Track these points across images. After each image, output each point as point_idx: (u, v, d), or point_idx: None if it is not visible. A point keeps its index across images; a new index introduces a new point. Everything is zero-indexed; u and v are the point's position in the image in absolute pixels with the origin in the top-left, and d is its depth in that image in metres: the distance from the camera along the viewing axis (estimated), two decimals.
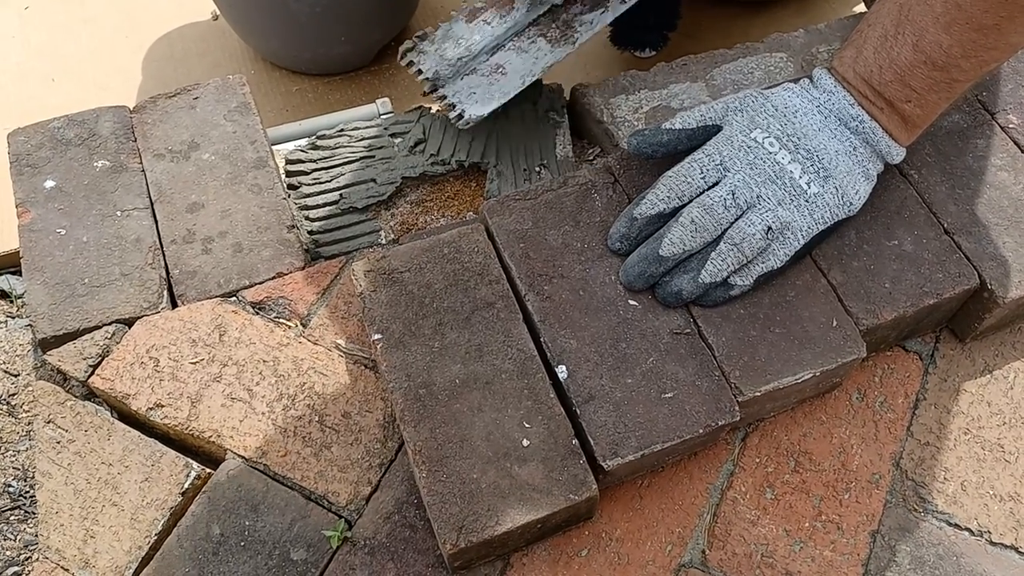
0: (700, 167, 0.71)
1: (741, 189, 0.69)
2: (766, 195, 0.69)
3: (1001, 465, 0.74)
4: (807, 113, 0.71)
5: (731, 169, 0.70)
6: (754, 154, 0.70)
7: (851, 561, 0.69)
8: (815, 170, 0.70)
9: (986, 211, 0.76)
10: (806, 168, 0.70)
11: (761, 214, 0.69)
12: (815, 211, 0.70)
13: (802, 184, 0.70)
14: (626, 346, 0.69)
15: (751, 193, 0.69)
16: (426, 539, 0.68)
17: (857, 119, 0.71)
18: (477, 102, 0.87)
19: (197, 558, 0.67)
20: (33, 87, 1.19)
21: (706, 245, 0.70)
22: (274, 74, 1.22)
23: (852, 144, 0.71)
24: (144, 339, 0.75)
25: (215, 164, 0.84)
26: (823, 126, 0.71)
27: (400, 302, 0.72)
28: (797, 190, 0.70)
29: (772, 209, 0.69)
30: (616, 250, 0.73)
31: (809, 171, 0.70)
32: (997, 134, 0.81)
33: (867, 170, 0.72)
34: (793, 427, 0.75)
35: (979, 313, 0.75)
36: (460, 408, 0.67)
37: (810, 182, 0.70)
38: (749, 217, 0.69)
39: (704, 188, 0.71)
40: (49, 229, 0.80)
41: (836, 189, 0.70)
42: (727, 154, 0.71)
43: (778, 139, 0.71)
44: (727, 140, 0.71)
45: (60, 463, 0.72)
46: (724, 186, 0.70)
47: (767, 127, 0.71)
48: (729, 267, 0.69)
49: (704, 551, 0.70)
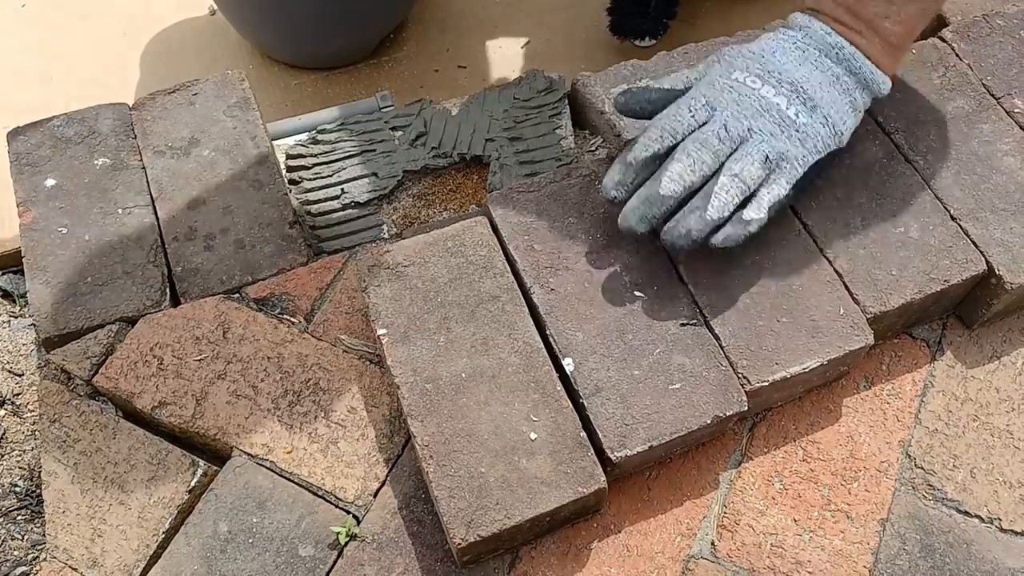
0: (688, 107, 0.70)
1: (732, 123, 0.69)
2: (757, 127, 0.69)
3: (1010, 451, 0.74)
4: (785, 51, 0.71)
5: (719, 107, 0.69)
6: (738, 92, 0.70)
7: (861, 550, 0.69)
8: (801, 101, 0.69)
9: (992, 197, 0.76)
10: (791, 100, 0.69)
11: (757, 144, 0.68)
12: (807, 140, 0.69)
13: (790, 115, 0.69)
14: (632, 337, 0.69)
15: (742, 126, 0.69)
16: (434, 534, 0.68)
17: (837, 47, 0.70)
18: None
19: (205, 556, 0.67)
20: (31, 85, 1.19)
21: (706, 180, 0.68)
22: (273, 69, 1.21)
23: (835, 73, 0.71)
24: (147, 337, 0.75)
25: (216, 160, 0.84)
26: (803, 59, 0.71)
27: (404, 296, 0.71)
28: (787, 121, 0.69)
29: (766, 140, 0.68)
30: (612, 199, 0.70)
31: (795, 103, 0.69)
32: (1003, 119, 0.80)
33: (854, 100, 0.71)
34: (801, 416, 0.74)
35: (986, 299, 0.75)
36: (467, 402, 0.67)
37: (798, 113, 0.69)
38: (745, 148, 0.68)
39: (695, 126, 0.70)
40: (51, 228, 0.79)
41: (825, 118, 0.70)
42: (711, 95, 0.70)
43: (759, 76, 0.70)
44: (709, 84, 0.71)
45: (66, 462, 0.71)
46: (715, 121, 0.69)
47: (746, 68, 0.71)
48: (734, 198, 0.67)
49: (713, 542, 0.69)
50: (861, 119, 0.73)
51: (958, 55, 0.84)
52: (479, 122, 0.91)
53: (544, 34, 1.25)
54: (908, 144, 0.78)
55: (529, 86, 0.94)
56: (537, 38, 1.25)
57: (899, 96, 0.81)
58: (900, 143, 0.79)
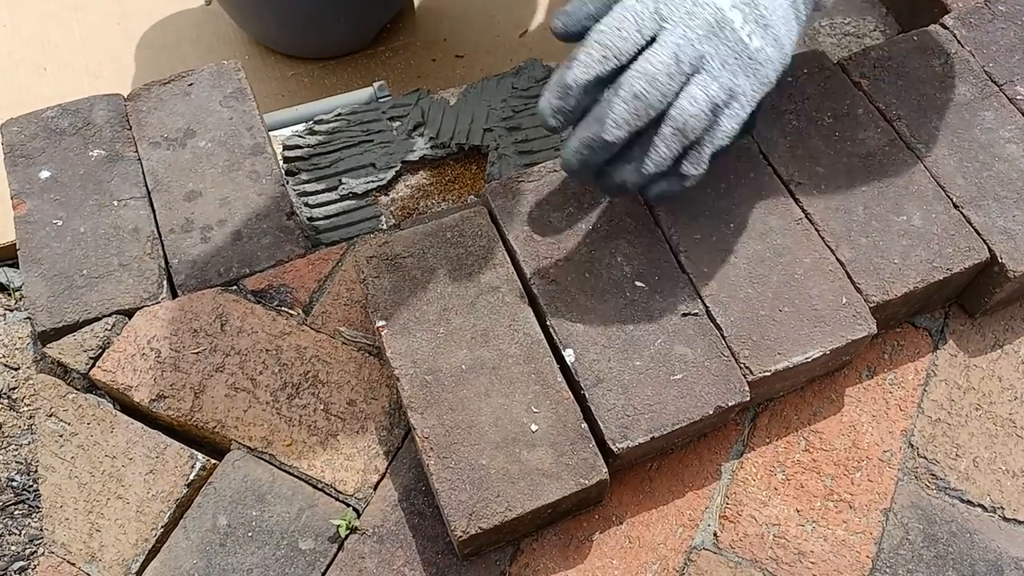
0: (635, 18, 0.62)
1: (684, 48, 0.62)
2: (709, 53, 0.62)
3: (1013, 440, 0.73)
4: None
5: (668, 19, 0.62)
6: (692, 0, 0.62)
7: (863, 540, 0.69)
8: (755, 18, 0.63)
9: (995, 184, 0.75)
10: (746, 17, 0.63)
11: (705, 87, 0.62)
12: (759, 69, 0.64)
13: (743, 37, 0.63)
14: (633, 328, 0.68)
15: (694, 52, 0.62)
16: (435, 526, 0.67)
17: None
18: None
19: (204, 550, 0.67)
20: (24, 76, 1.18)
21: (650, 123, 0.63)
22: (269, 59, 1.21)
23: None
24: (145, 330, 0.74)
25: (212, 151, 0.83)
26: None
27: (403, 288, 0.71)
28: (740, 45, 0.63)
29: (716, 75, 0.62)
30: (551, 127, 0.64)
31: (749, 20, 0.63)
32: (1005, 106, 0.80)
33: (798, 10, 0.66)
34: (803, 406, 0.74)
35: (989, 288, 0.74)
36: (467, 394, 0.66)
37: (751, 33, 0.63)
38: (692, 92, 0.62)
39: (641, 43, 0.62)
40: (45, 220, 0.79)
41: (775, 40, 0.64)
42: (661, 2, 0.62)
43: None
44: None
45: (63, 456, 0.71)
46: (665, 46, 0.62)
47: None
48: (674, 152, 0.63)
49: (715, 532, 0.69)
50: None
51: (960, 42, 0.83)
52: (477, 112, 0.90)
53: (542, 23, 1.25)
54: (910, 132, 0.78)
55: (527, 75, 0.93)
56: (535, 27, 1.24)
57: (901, 83, 0.80)
58: (902, 131, 0.78)
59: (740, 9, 0.62)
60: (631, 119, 0.62)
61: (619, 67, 0.63)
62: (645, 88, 0.61)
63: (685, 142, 0.63)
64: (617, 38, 0.62)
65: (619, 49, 0.62)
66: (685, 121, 0.62)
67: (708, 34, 0.62)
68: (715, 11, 0.62)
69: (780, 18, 0.64)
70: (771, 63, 0.64)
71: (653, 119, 0.62)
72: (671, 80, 0.62)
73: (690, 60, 0.62)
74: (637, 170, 0.63)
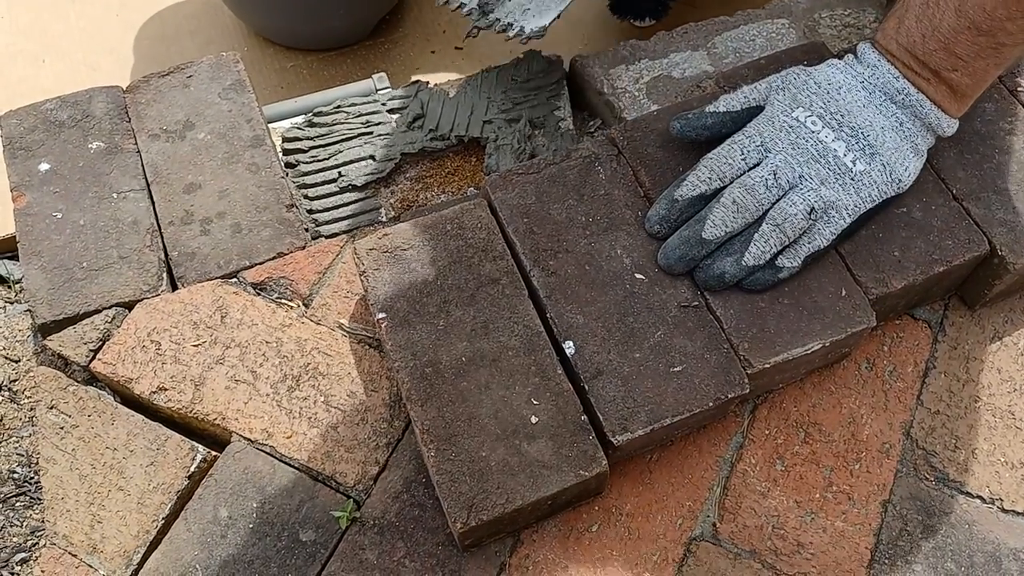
0: (741, 148, 0.70)
1: (783, 169, 0.68)
2: (809, 174, 0.68)
3: (1012, 432, 0.73)
4: (851, 89, 0.70)
5: (772, 150, 0.69)
6: (796, 134, 0.69)
7: (862, 531, 0.69)
8: (860, 147, 0.69)
9: (995, 176, 0.75)
10: (851, 146, 0.69)
11: (803, 194, 0.68)
12: (861, 189, 0.69)
13: (847, 162, 0.68)
14: (633, 320, 0.69)
15: (793, 173, 0.68)
16: (435, 517, 0.68)
17: (903, 92, 0.69)
18: (534, 15, 0.83)
19: (205, 541, 0.67)
20: (23, 68, 1.17)
21: (748, 226, 0.69)
22: (268, 51, 1.20)
23: (899, 119, 0.70)
24: (145, 322, 0.75)
25: (211, 143, 0.83)
26: (868, 102, 0.70)
27: (403, 280, 0.71)
28: (842, 168, 0.68)
29: (815, 189, 0.68)
30: (655, 233, 0.71)
31: (854, 148, 0.69)
32: (1006, 98, 0.79)
33: (916, 145, 0.71)
34: (802, 398, 0.74)
35: (989, 280, 0.74)
36: (467, 386, 0.66)
37: (855, 160, 0.69)
38: (791, 197, 0.68)
39: (745, 169, 0.69)
40: (45, 213, 0.79)
41: (884, 166, 0.69)
42: (768, 135, 0.70)
43: (820, 117, 0.69)
44: (768, 120, 0.70)
45: (64, 448, 0.71)
46: (766, 166, 0.69)
47: (810, 105, 0.70)
48: (772, 248, 0.68)
49: (715, 524, 0.69)
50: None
51: None
52: (477, 104, 0.90)
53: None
54: None
55: (527, 67, 0.93)
56: None
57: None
58: None
59: (844, 141, 0.69)
60: (728, 221, 0.68)
61: (722, 187, 0.69)
62: (742, 195, 0.68)
63: (783, 238, 0.68)
64: (723, 163, 0.70)
65: (723, 172, 0.70)
66: (785, 219, 0.67)
67: (809, 160, 0.68)
68: (818, 143, 0.69)
69: (890, 148, 0.69)
70: (875, 186, 0.69)
71: (749, 223, 0.68)
72: (768, 191, 0.68)
73: (788, 178, 0.68)
74: (736, 263, 0.68)
